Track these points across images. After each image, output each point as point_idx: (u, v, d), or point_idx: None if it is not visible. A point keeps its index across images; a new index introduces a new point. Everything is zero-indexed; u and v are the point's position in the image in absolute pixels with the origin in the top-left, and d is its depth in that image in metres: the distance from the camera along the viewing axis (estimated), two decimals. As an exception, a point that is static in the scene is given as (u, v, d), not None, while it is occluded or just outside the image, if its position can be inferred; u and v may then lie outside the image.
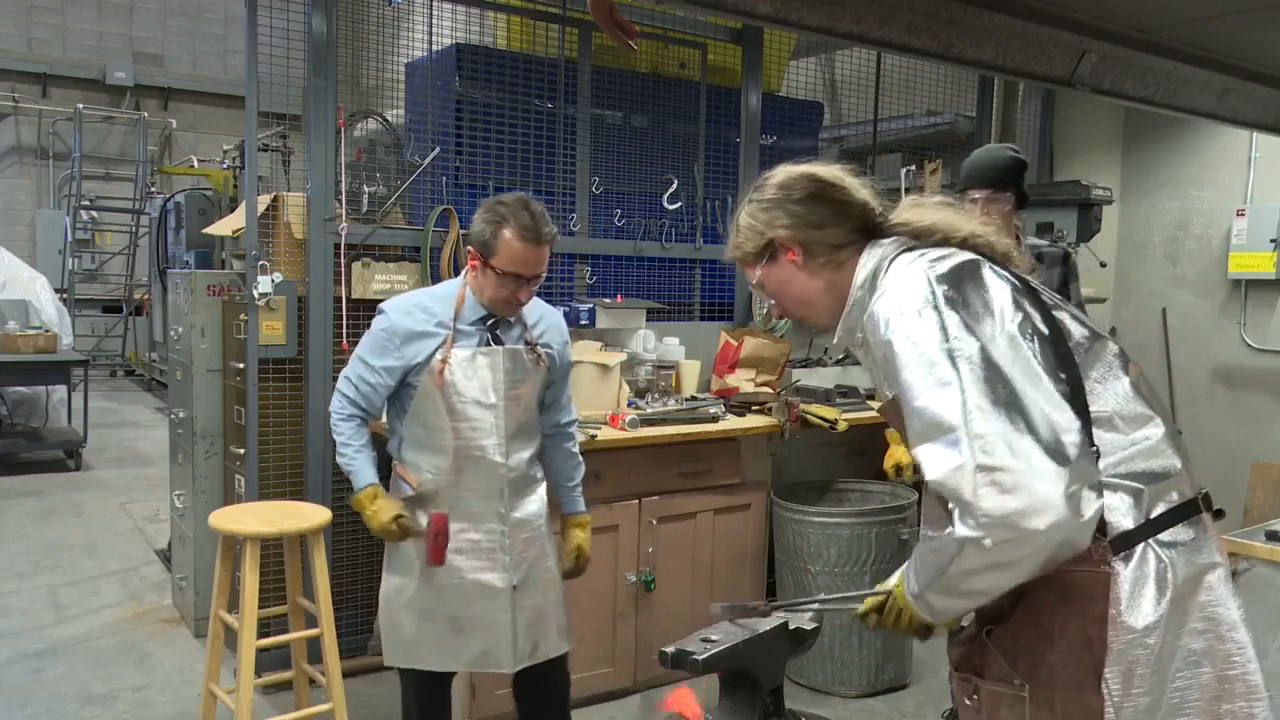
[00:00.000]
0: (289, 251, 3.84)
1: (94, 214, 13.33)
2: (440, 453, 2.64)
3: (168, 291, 5.22)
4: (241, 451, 3.92)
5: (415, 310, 2.64)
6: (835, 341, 1.75)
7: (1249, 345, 5.57)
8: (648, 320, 4.39)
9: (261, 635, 3.13)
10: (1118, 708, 1.43)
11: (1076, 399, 1.47)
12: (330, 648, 3.14)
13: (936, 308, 1.46)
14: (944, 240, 1.64)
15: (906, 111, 5.81)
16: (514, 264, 2.52)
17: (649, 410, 3.93)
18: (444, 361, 2.58)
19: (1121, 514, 1.46)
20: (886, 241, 1.69)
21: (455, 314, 2.62)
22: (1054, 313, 1.56)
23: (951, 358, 1.42)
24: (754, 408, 4.17)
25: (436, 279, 3.99)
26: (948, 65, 3.67)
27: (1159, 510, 1.48)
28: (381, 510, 2.60)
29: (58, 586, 4.98)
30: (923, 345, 1.44)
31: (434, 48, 4.28)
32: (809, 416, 4.03)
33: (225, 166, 9.58)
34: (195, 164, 11.39)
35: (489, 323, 2.65)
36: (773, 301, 1.82)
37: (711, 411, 3.99)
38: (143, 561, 5.40)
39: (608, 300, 4.34)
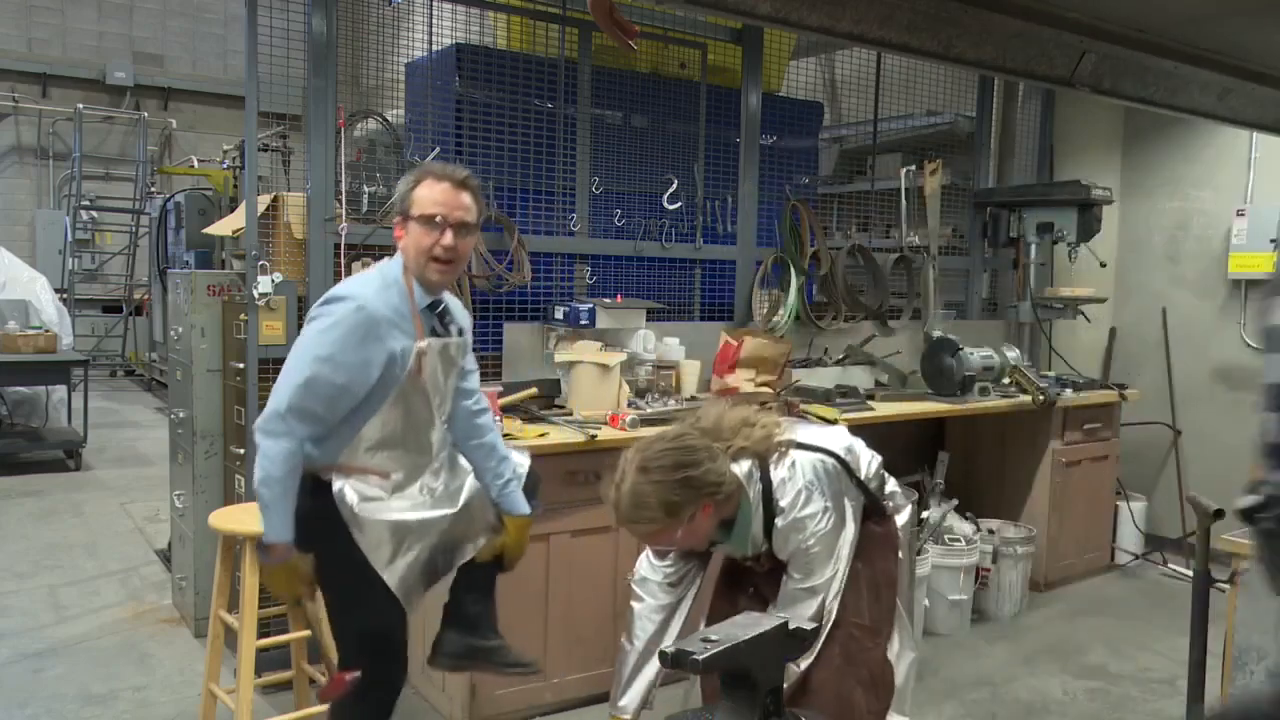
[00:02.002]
0: (289, 251, 3.84)
1: (94, 214, 13.33)
2: (405, 449, 2.50)
3: (168, 291, 5.22)
4: (241, 451, 3.92)
5: (385, 295, 2.42)
6: (742, 554, 2.62)
7: (1249, 345, 5.57)
8: (648, 320, 4.39)
9: (261, 635, 3.13)
10: (900, 573, 2.69)
11: (871, 494, 2.66)
12: (330, 648, 3.14)
13: (816, 518, 2.49)
14: (759, 447, 2.47)
15: (906, 111, 5.81)
16: (432, 205, 2.42)
17: (649, 410, 3.93)
18: (422, 353, 2.44)
19: (898, 500, 2.76)
20: (745, 464, 2.46)
21: (410, 302, 2.46)
22: (844, 460, 2.58)
23: (830, 554, 2.52)
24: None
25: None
26: (948, 65, 3.67)
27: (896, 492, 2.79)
28: (290, 582, 2.46)
29: (58, 586, 4.98)
30: (810, 542, 2.50)
31: (434, 48, 4.28)
32: (809, 416, 4.03)
33: (225, 166, 9.58)
34: (195, 164, 11.39)
35: (437, 310, 2.54)
36: (669, 547, 2.59)
37: (711, 411, 3.99)
38: (143, 561, 5.40)
39: (608, 300, 4.34)
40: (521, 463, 2.82)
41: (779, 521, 2.47)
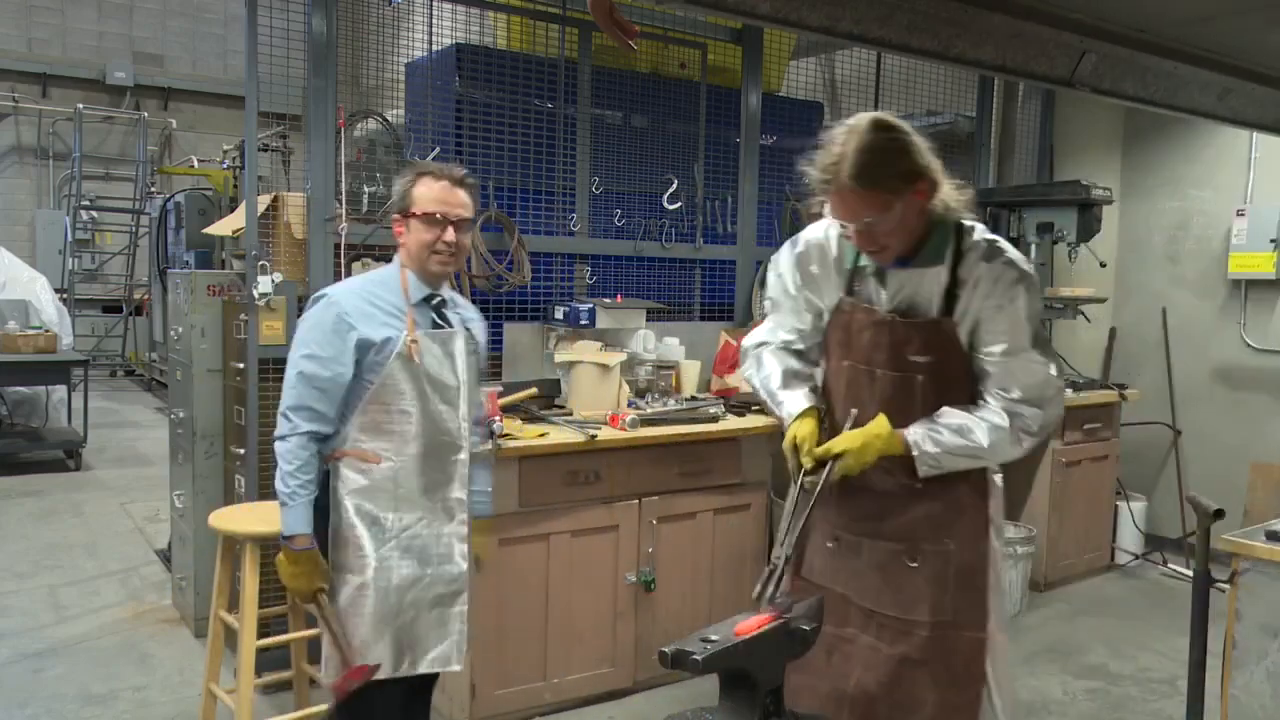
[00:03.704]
0: (289, 251, 3.84)
1: (94, 214, 13.33)
2: (401, 439, 2.51)
3: (168, 291, 5.23)
4: (241, 451, 3.92)
5: (362, 292, 2.54)
6: (907, 263, 2.17)
7: (1249, 345, 5.57)
8: (648, 320, 4.39)
9: (261, 635, 3.13)
10: (992, 558, 2.36)
11: None
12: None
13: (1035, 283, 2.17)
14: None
15: (906, 111, 5.81)
16: (432, 203, 2.52)
17: (649, 410, 3.93)
18: (414, 342, 2.49)
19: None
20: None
21: (404, 295, 2.55)
22: None
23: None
24: (754, 408, 4.17)
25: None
26: (948, 65, 3.67)
27: None
28: (311, 575, 2.46)
29: (58, 586, 4.98)
30: (1035, 308, 2.15)
31: (434, 48, 4.28)
32: (809, 416, 4.02)
33: (225, 166, 9.59)
34: (195, 164, 11.40)
35: (434, 302, 2.60)
36: (862, 233, 2.10)
37: (711, 411, 3.99)
38: (143, 561, 5.40)
39: (608, 300, 4.34)
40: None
41: (969, 259, 2.13)
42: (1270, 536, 2.71)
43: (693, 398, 4.27)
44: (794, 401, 2.31)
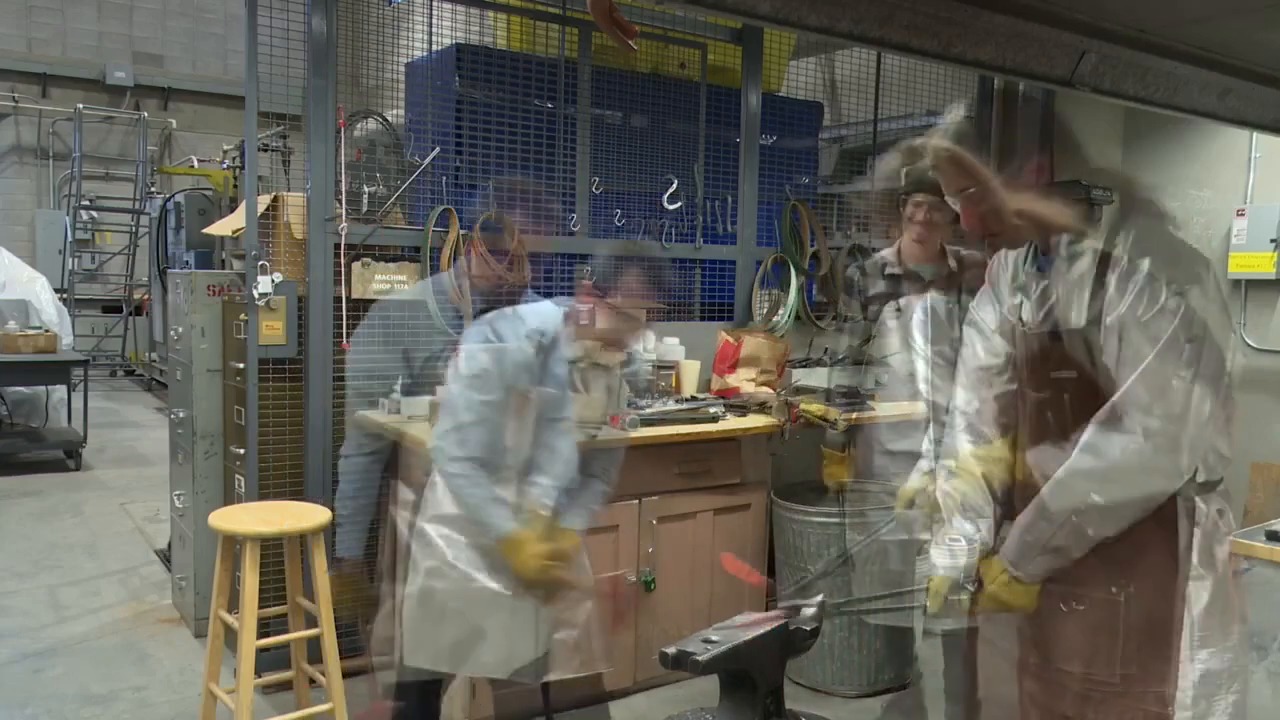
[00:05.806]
0: (289, 251, 3.84)
1: (94, 214, 13.33)
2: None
3: (168, 291, 5.23)
4: (241, 451, 3.92)
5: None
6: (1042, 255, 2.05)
7: (1249, 345, 5.57)
8: (647, 320, 4.39)
9: (261, 635, 3.13)
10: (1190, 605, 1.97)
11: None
12: (330, 648, 3.14)
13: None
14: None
15: (906, 111, 5.81)
16: (638, 306, 2.72)
17: (649, 410, 3.93)
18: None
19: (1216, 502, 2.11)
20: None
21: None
22: None
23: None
24: (754, 408, 4.17)
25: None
26: (948, 65, 3.67)
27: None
28: (533, 557, 2.62)
29: (58, 586, 4.98)
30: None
31: (434, 48, 4.28)
32: (809, 416, 4.03)
33: (225, 166, 9.60)
34: (195, 164, 11.41)
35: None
36: (966, 210, 1.96)
37: (711, 411, 3.99)
38: (143, 561, 5.40)
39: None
40: None
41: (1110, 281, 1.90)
42: (1270, 536, 2.71)
43: (693, 398, 4.26)
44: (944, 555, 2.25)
